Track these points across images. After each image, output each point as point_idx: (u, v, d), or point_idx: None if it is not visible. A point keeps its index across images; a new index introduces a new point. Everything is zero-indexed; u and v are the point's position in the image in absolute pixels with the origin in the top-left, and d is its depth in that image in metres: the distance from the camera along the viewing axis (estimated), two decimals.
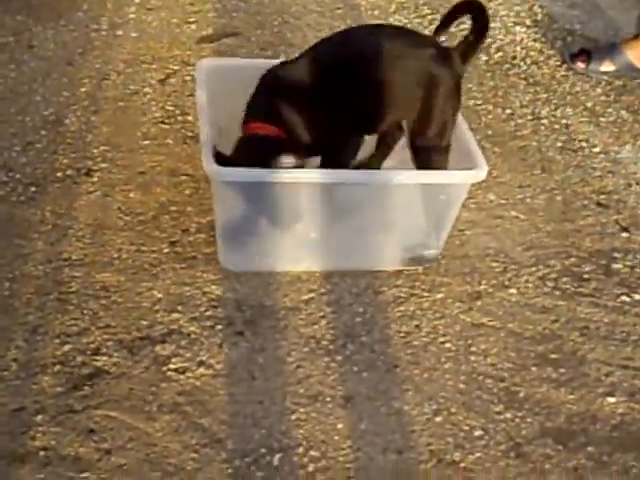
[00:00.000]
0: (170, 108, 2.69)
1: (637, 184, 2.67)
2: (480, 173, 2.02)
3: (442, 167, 2.07)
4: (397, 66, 2.04)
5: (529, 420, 1.87)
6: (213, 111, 2.08)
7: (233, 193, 1.97)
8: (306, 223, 2.05)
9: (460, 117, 2.17)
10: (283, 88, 2.05)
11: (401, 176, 2.05)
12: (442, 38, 2.24)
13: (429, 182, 2.04)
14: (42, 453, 1.67)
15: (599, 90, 3.13)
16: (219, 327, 1.98)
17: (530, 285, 2.22)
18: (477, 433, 1.83)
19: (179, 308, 2.01)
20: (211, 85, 2.17)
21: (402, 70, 2.04)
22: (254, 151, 1.98)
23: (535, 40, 3.40)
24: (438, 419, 1.85)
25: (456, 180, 2.05)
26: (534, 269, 2.28)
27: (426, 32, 3.07)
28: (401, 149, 2.22)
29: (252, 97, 2.08)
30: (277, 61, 2.20)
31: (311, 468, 1.72)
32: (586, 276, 2.29)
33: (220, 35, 3.10)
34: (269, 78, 2.07)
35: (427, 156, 2.07)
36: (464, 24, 2.26)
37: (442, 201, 2.08)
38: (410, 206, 2.08)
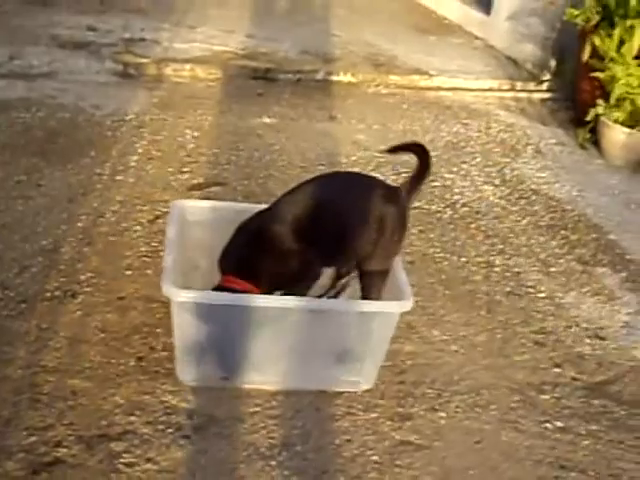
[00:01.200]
0: (155, 244, 3.01)
1: (576, 326, 2.93)
2: (407, 304, 2.29)
3: (381, 287, 2.40)
4: (353, 208, 2.37)
5: None
6: (186, 246, 2.41)
7: (189, 313, 2.25)
8: (254, 344, 2.32)
9: (399, 262, 2.47)
10: (257, 241, 2.37)
11: (339, 304, 2.33)
12: None
13: (365, 310, 2.31)
14: None
15: (554, 243, 3.43)
16: (169, 431, 2.22)
17: (459, 410, 2.46)
18: None
19: (136, 412, 2.26)
20: (184, 223, 2.49)
21: (358, 211, 2.37)
22: None
23: (501, 198, 3.73)
24: None
25: (387, 309, 2.33)
26: (465, 397, 2.51)
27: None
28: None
29: (229, 246, 2.39)
30: (247, 204, 2.53)
31: None
32: (513, 405, 2.52)
33: (209, 184, 3.46)
34: (245, 230, 2.39)
35: (371, 279, 2.41)
36: None
37: (376, 328, 2.35)
38: (348, 332, 2.35)
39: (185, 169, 3.56)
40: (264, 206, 2.47)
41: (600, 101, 4.32)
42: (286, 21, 5.77)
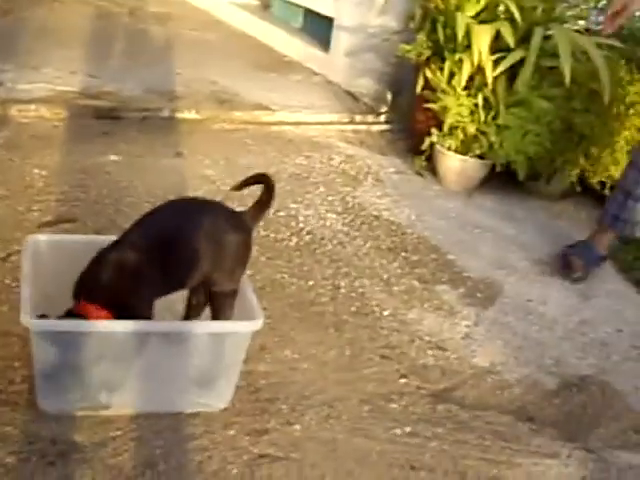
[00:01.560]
0: (7, 281, 3.03)
1: (420, 339, 3.12)
2: (257, 323, 2.42)
3: (230, 307, 2.54)
4: (197, 233, 2.48)
5: None
6: (41, 279, 2.46)
7: (46, 342, 2.31)
8: (108, 369, 2.40)
9: (248, 282, 2.60)
10: (106, 267, 2.44)
11: (193, 326, 2.43)
12: None
13: (216, 331, 2.42)
14: None
15: (395, 264, 3.63)
16: (34, 459, 2.27)
17: (313, 422, 2.59)
18: None
19: None
20: (38, 257, 2.55)
21: (201, 236, 2.48)
22: None
23: (344, 224, 3.92)
24: None
25: (239, 329, 2.45)
26: (318, 409, 2.65)
27: None
28: None
29: (83, 274, 2.45)
30: (99, 237, 2.61)
31: None
32: (364, 414, 2.67)
33: (59, 220, 3.50)
34: (96, 259, 2.46)
35: (220, 300, 2.54)
36: None
37: (229, 348, 2.46)
38: (202, 353, 2.45)
39: (35, 207, 3.59)
40: (115, 237, 2.55)
41: (434, 130, 4.58)
42: (129, 61, 5.83)
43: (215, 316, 2.56)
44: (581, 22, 4.67)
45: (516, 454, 2.63)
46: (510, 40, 4.28)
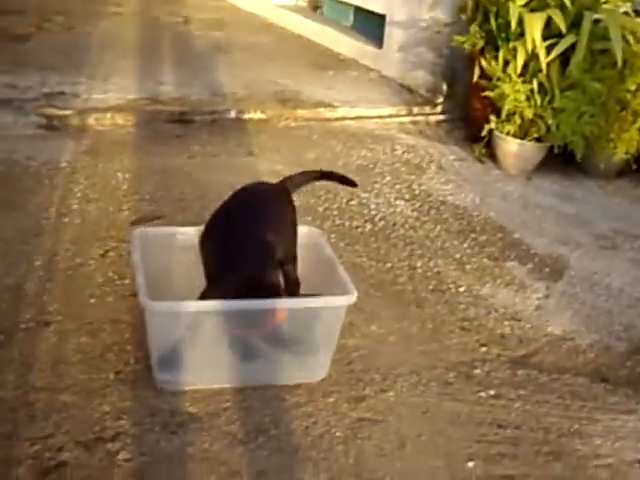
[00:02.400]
0: (110, 275, 3.28)
1: (495, 312, 3.31)
2: (353, 297, 2.63)
3: (295, 272, 2.80)
4: (266, 210, 2.81)
5: None
6: (147, 266, 2.70)
7: (162, 323, 2.55)
8: (220, 346, 2.63)
9: (337, 261, 2.82)
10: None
11: (294, 302, 2.65)
12: None
13: (317, 306, 2.64)
14: None
15: (465, 245, 3.82)
16: (157, 428, 2.50)
17: (404, 389, 2.80)
18: None
19: (124, 417, 2.53)
20: (143, 248, 2.79)
21: (270, 211, 2.80)
22: None
23: (413, 210, 4.12)
24: None
25: (337, 303, 2.67)
26: (408, 377, 2.86)
27: (320, 208, 3.80)
28: None
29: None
30: (190, 227, 2.87)
31: None
32: (451, 380, 2.87)
33: (149, 218, 3.75)
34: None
35: (290, 266, 2.80)
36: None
37: (328, 321, 2.68)
38: (302, 328, 2.67)
39: (124, 207, 3.84)
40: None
41: (492, 117, 4.76)
42: (191, 67, 6.09)
43: (288, 280, 2.78)
44: (628, 4, 4.80)
45: (594, 411, 2.81)
46: (562, 26, 4.46)
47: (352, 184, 3.19)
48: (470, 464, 2.51)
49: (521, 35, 4.58)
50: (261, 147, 4.78)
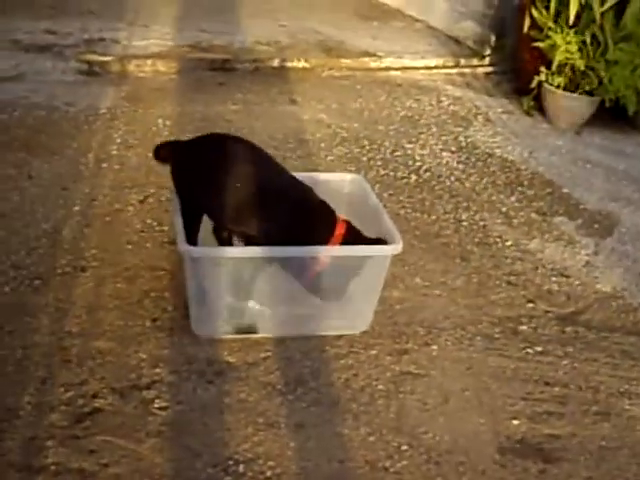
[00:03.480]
0: (149, 221, 3.21)
1: (543, 267, 3.20)
2: (398, 246, 2.54)
3: None
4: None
5: (446, 438, 2.32)
6: None
7: (201, 269, 2.47)
8: (261, 294, 2.55)
9: (383, 210, 2.72)
10: None
11: (337, 250, 2.56)
12: None
13: (361, 254, 2.55)
14: (53, 467, 2.10)
15: (513, 198, 3.71)
16: (193, 377, 2.44)
17: (449, 343, 2.72)
18: (404, 447, 2.28)
19: (160, 365, 2.48)
20: None
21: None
22: None
23: (459, 162, 4.01)
24: (372, 438, 2.30)
25: (383, 252, 2.57)
26: (452, 332, 2.77)
27: (364, 158, 3.71)
28: None
29: None
30: None
31: (269, 473, 2.15)
32: (496, 336, 2.78)
33: None
34: None
35: None
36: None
37: (370, 272, 2.59)
38: (345, 277, 2.58)
39: None
40: None
41: (542, 69, 4.61)
42: (234, 15, 5.97)
43: None
44: None
45: None
46: None
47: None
48: (515, 422, 2.41)
49: None
50: (304, 96, 4.67)
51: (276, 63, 5.07)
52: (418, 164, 3.96)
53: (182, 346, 2.57)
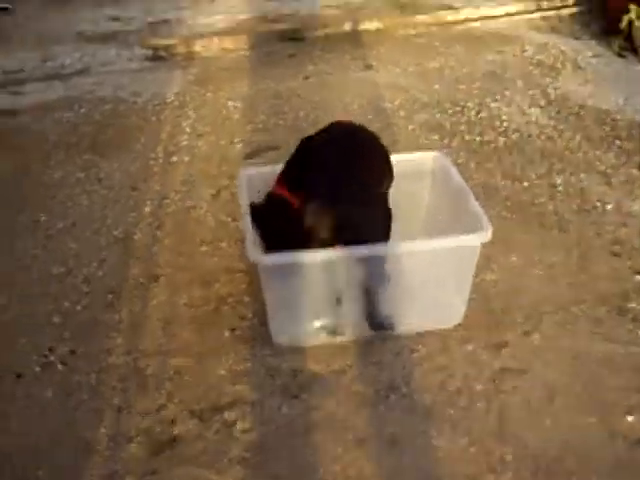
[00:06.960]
0: (223, 217, 3.06)
1: None
2: (487, 233, 2.31)
3: None
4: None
5: (554, 443, 2.11)
6: None
7: (276, 276, 2.30)
8: (344, 295, 2.37)
9: (469, 191, 2.50)
10: None
11: (428, 243, 2.36)
12: None
13: (448, 246, 2.34)
14: None
15: (610, 155, 3.42)
16: (277, 392, 2.28)
17: (551, 330, 2.49)
18: (508, 457, 2.08)
19: (242, 380, 2.32)
20: (251, 189, 2.53)
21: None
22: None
23: (550, 118, 3.73)
24: (472, 449, 2.10)
25: (470, 242, 2.35)
26: (554, 315, 2.55)
27: (447, 123, 3.47)
28: None
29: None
30: None
31: None
32: (602, 316, 2.54)
33: (263, 149, 3.50)
34: None
35: None
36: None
37: (461, 262, 2.38)
38: (433, 271, 2.38)
39: (236, 139, 3.60)
40: None
41: (632, 6, 4.29)
42: None
43: None
44: None
45: None
46: None
47: None
48: (630, 418, 2.18)
49: None
50: (379, 59, 4.45)
51: (347, 27, 4.85)
52: (505, 124, 3.71)
53: (263, 357, 2.41)
